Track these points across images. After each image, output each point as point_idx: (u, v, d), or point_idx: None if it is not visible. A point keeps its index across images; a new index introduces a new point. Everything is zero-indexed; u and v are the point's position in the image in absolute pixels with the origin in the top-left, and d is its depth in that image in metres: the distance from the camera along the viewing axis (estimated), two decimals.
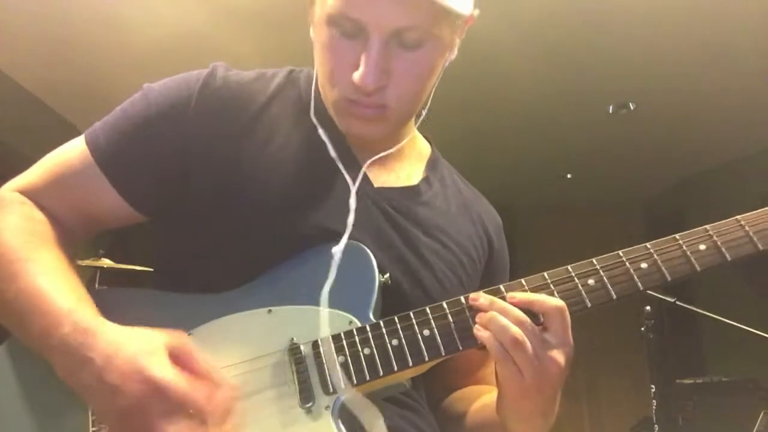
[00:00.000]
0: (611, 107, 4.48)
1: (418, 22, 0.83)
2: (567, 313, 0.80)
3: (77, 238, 0.96)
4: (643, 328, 3.10)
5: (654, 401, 3.82)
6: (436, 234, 0.96)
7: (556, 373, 0.80)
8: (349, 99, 0.87)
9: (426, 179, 1.02)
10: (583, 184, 6.15)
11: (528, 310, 0.80)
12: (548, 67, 3.91)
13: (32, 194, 0.93)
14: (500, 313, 0.80)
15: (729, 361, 4.79)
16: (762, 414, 3.24)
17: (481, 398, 1.01)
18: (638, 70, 3.94)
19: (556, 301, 0.80)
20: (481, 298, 0.83)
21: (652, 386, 3.90)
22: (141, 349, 0.73)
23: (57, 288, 0.82)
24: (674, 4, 3.27)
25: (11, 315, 0.84)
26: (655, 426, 3.72)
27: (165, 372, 0.71)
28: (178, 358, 0.74)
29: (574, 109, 4.48)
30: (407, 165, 1.02)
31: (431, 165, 1.05)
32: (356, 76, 0.84)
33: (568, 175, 6.00)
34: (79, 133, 0.93)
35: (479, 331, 0.81)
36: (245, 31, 3.45)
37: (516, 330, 0.78)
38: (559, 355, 0.80)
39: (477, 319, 0.82)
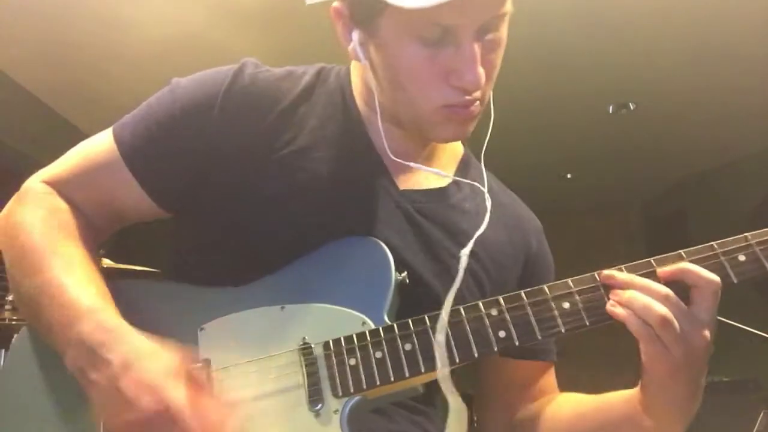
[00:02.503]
0: (611, 107, 4.48)
1: (500, 8, 0.82)
2: (719, 292, 0.77)
3: (101, 230, 0.97)
4: None
5: None
6: (460, 239, 0.92)
7: (704, 348, 0.77)
8: (448, 106, 0.85)
9: (456, 181, 0.99)
10: (583, 184, 6.14)
11: (675, 282, 0.78)
12: (548, 67, 3.91)
13: (58, 186, 0.94)
14: (642, 291, 0.77)
15: (729, 361, 4.78)
16: (762, 414, 3.24)
17: (575, 403, 0.99)
18: (638, 70, 3.94)
19: (712, 276, 0.77)
20: (619, 274, 0.79)
21: None
22: (161, 367, 0.73)
23: (80, 285, 0.82)
24: (674, 5, 3.27)
25: (32, 305, 0.85)
26: None
27: (179, 395, 0.71)
28: (193, 383, 0.74)
29: (574, 109, 4.48)
30: (436, 163, 0.99)
31: (463, 166, 1.03)
32: (465, 79, 0.81)
33: (568, 175, 5.99)
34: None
35: (615, 308, 0.78)
36: (245, 30, 3.44)
37: (661, 308, 0.76)
38: (706, 331, 0.77)
39: (613, 297, 0.79)
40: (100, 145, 0.94)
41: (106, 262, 3.23)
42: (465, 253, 0.83)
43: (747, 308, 3.27)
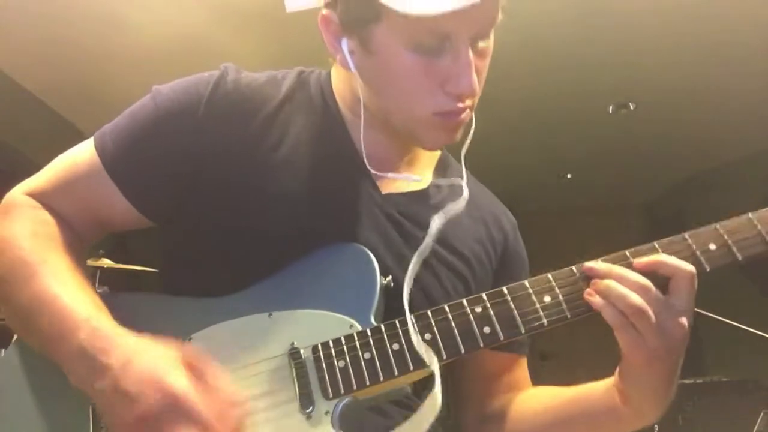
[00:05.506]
0: (611, 107, 4.49)
1: (495, 16, 0.83)
2: (695, 280, 0.79)
3: (86, 240, 0.97)
4: None
5: None
6: (443, 239, 0.94)
7: (682, 336, 0.79)
8: (441, 113, 0.86)
9: (435, 182, 1.00)
10: (583, 184, 6.14)
11: (653, 272, 0.80)
12: (548, 67, 3.91)
13: (42, 197, 0.93)
14: (618, 280, 0.79)
15: (729, 361, 4.78)
16: (762, 414, 3.24)
17: (549, 396, 1.00)
18: (638, 70, 3.94)
19: (686, 266, 0.79)
20: (598, 265, 0.82)
21: None
22: (160, 359, 0.74)
23: (73, 294, 0.83)
24: (674, 5, 3.27)
25: (24, 318, 0.85)
26: (655, 426, 3.71)
27: (182, 383, 0.72)
28: (194, 372, 0.75)
29: (574, 109, 4.48)
30: (416, 168, 1.00)
31: (441, 166, 1.04)
32: (462, 86, 0.83)
33: (568, 175, 5.99)
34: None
35: (591, 297, 0.80)
36: (246, 31, 3.45)
37: (636, 298, 0.78)
38: (683, 320, 0.79)
39: (592, 287, 0.81)
40: (81, 155, 0.93)
41: (106, 262, 3.25)
42: (431, 232, 0.86)
43: (747, 308, 3.27)
